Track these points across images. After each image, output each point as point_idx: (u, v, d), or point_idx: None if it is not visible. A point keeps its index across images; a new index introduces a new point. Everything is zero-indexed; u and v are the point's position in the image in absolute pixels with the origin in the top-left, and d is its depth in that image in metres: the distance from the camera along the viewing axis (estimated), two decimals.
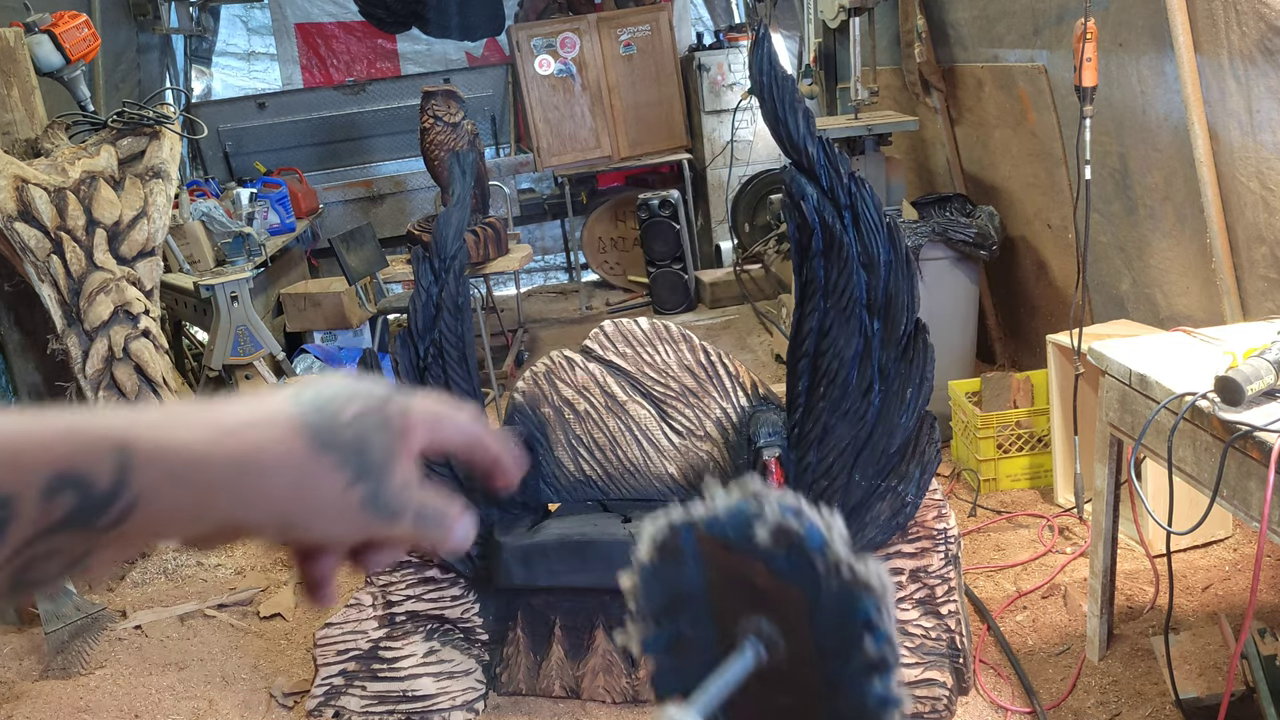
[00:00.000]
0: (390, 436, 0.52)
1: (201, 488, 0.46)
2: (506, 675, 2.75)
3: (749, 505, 0.49)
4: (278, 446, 0.48)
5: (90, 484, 0.43)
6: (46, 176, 3.42)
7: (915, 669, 2.46)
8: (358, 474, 0.50)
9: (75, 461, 0.43)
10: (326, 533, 0.51)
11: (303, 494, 0.49)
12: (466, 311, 2.80)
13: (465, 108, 5.09)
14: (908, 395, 2.42)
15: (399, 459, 0.53)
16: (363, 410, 0.52)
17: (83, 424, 0.44)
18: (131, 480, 0.44)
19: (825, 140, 2.42)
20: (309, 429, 0.49)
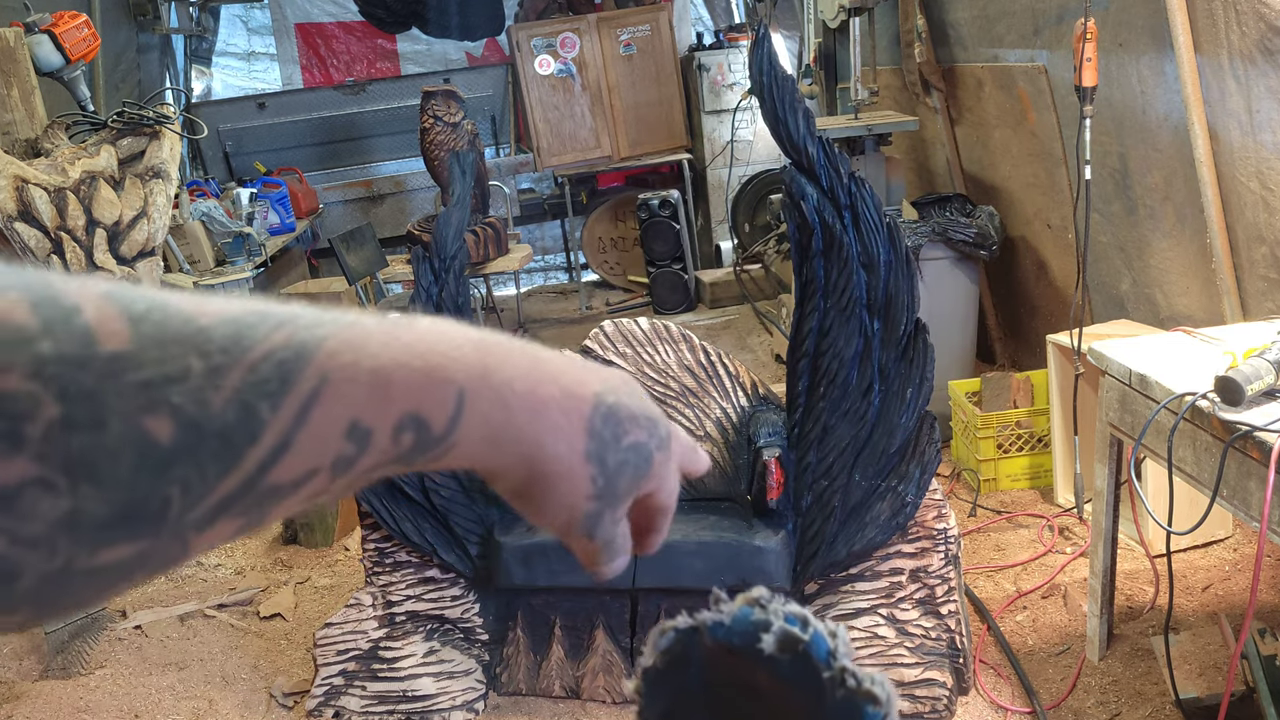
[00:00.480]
0: (642, 476, 0.55)
1: (498, 446, 0.49)
2: (506, 675, 2.75)
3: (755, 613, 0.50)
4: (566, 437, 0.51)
5: (429, 428, 0.45)
6: (46, 176, 3.42)
7: (915, 669, 2.46)
8: (598, 495, 0.53)
9: (425, 404, 0.45)
10: (541, 516, 0.54)
11: (555, 483, 0.52)
12: (466, 311, 2.80)
13: (465, 108, 5.09)
14: (908, 395, 2.42)
15: (631, 497, 0.56)
16: (638, 444, 0.54)
17: (438, 365, 0.45)
18: (458, 429, 0.46)
19: (825, 140, 2.42)
20: (594, 438, 0.52)
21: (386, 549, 2.78)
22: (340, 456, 0.42)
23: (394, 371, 0.43)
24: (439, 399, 0.45)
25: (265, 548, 3.82)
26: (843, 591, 2.56)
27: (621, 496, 0.54)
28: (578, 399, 0.51)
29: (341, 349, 0.42)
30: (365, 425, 0.43)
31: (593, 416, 0.52)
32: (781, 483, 2.49)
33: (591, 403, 0.52)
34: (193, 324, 0.38)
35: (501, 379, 0.48)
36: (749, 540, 2.52)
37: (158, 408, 0.36)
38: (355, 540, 3.65)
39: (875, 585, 2.53)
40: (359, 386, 0.42)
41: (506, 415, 0.48)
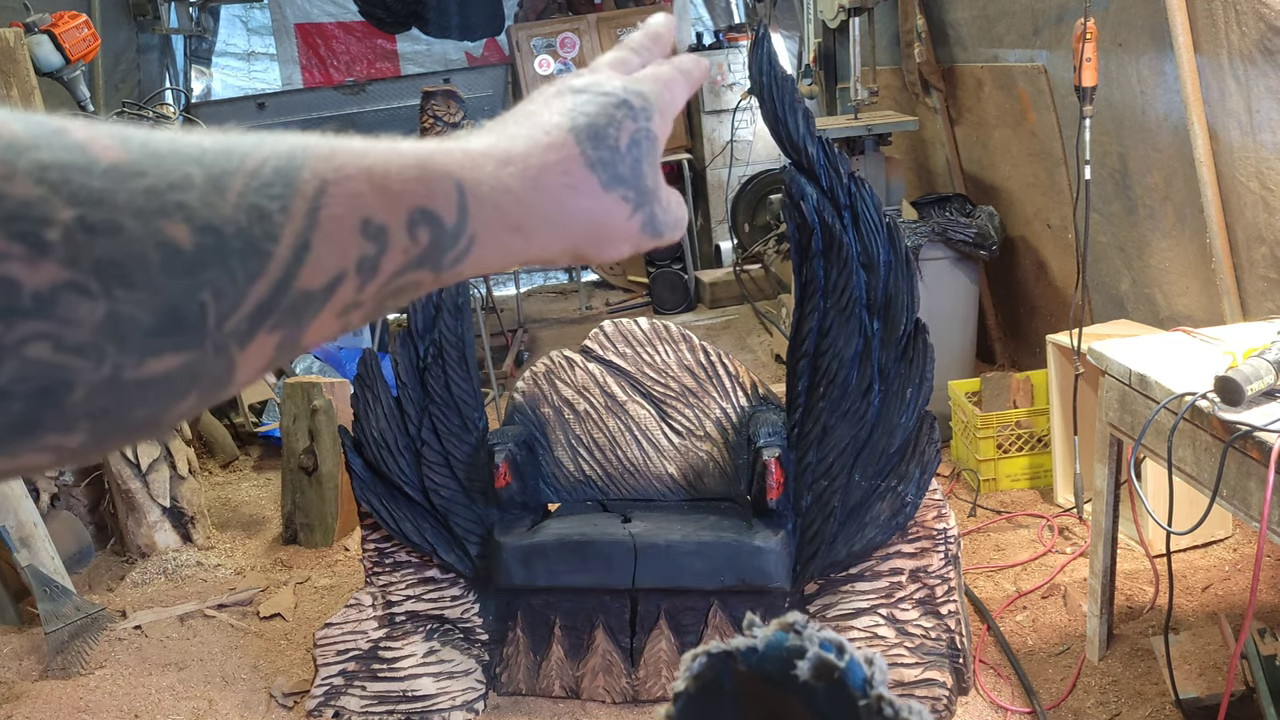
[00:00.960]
0: (655, 154, 0.55)
1: (519, 227, 0.49)
2: (506, 675, 2.75)
3: (789, 639, 0.49)
4: (579, 188, 0.51)
5: (440, 221, 0.45)
6: None
7: (915, 669, 2.46)
8: (638, 202, 0.54)
9: (429, 198, 0.45)
10: (612, 256, 0.55)
11: (597, 228, 0.53)
12: (466, 311, 2.80)
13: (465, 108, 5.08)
14: (908, 395, 2.43)
15: (660, 175, 0.55)
16: (634, 133, 0.54)
17: (429, 161, 0.46)
18: (470, 220, 0.47)
19: (825, 140, 2.42)
20: (598, 167, 0.52)
21: (386, 549, 2.78)
22: (362, 257, 0.42)
23: (388, 168, 0.44)
24: (440, 191, 0.45)
25: (265, 548, 3.82)
26: (843, 591, 2.56)
27: (653, 187, 0.55)
28: (562, 146, 0.51)
29: (329, 153, 0.42)
30: (378, 221, 0.43)
31: (584, 151, 0.51)
32: (781, 483, 2.49)
33: (573, 139, 0.51)
34: (180, 142, 0.39)
35: (491, 165, 0.48)
36: (749, 540, 2.52)
37: (170, 212, 0.36)
38: (355, 540, 3.65)
39: (875, 585, 2.53)
40: (358, 184, 0.42)
41: (511, 196, 0.48)
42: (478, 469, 2.72)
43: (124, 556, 3.69)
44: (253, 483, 4.42)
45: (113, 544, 3.78)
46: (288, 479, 3.85)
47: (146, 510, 3.62)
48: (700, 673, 0.51)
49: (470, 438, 2.74)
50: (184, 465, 3.71)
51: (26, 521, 3.20)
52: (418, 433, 2.72)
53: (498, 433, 2.73)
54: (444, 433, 2.73)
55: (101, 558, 3.73)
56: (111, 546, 3.77)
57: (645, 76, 0.57)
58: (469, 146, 0.49)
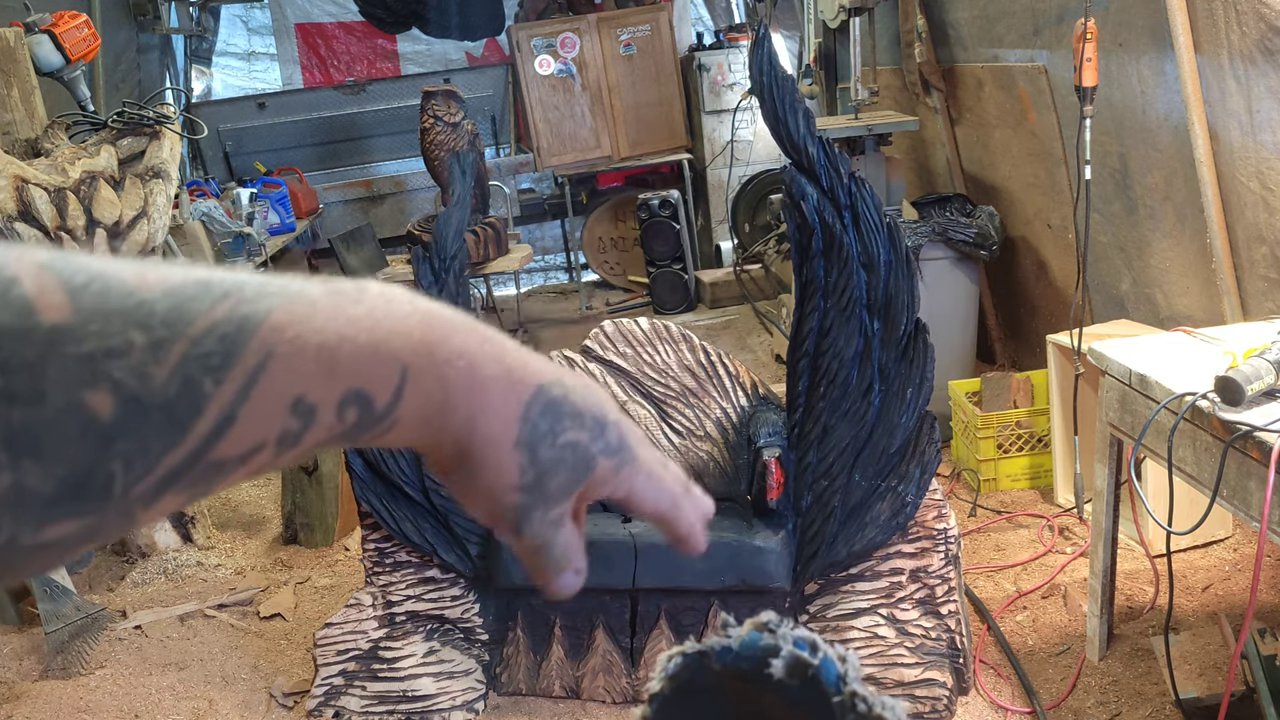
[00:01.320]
0: (579, 479, 0.53)
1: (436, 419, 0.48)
2: (506, 675, 2.75)
3: (764, 637, 0.49)
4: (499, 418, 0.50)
5: (372, 405, 0.45)
6: (46, 176, 3.42)
7: (915, 669, 2.46)
8: (526, 487, 0.52)
9: (370, 381, 0.44)
10: (467, 500, 0.53)
11: (481, 467, 0.51)
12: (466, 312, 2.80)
13: (465, 108, 5.09)
14: (908, 395, 2.42)
15: (569, 499, 0.54)
16: (575, 443, 0.52)
17: (383, 341, 0.45)
18: (399, 407, 0.46)
19: (825, 140, 2.42)
20: (528, 426, 0.51)
21: (386, 549, 2.78)
22: (285, 432, 0.42)
23: (340, 346, 0.43)
24: (383, 376, 0.45)
25: (265, 548, 3.82)
26: (843, 591, 2.56)
27: (554, 495, 0.52)
28: (519, 384, 0.50)
29: (287, 322, 0.41)
30: (310, 401, 0.42)
31: (531, 404, 0.50)
32: (781, 483, 2.49)
33: (533, 390, 0.51)
34: (134, 296, 0.38)
35: (444, 355, 0.47)
36: (749, 540, 2.52)
37: (99, 381, 0.36)
38: (355, 540, 3.65)
39: (875, 585, 2.53)
40: (305, 361, 0.42)
41: (445, 394, 0.47)
42: None
43: (124, 556, 3.69)
44: (253, 483, 4.42)
45: (113, 544, 3.78)
46: (288, 479, 3.85)
47: None
48: (675, 673, 0.51)
49: None
50: None
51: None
52: None
53: None
54: None
55: (101, 558, 3.73)
56: (111, 546, 3.77)
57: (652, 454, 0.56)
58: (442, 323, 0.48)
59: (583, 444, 0.52)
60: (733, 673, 0.50)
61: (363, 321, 0.44)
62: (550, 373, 0.52)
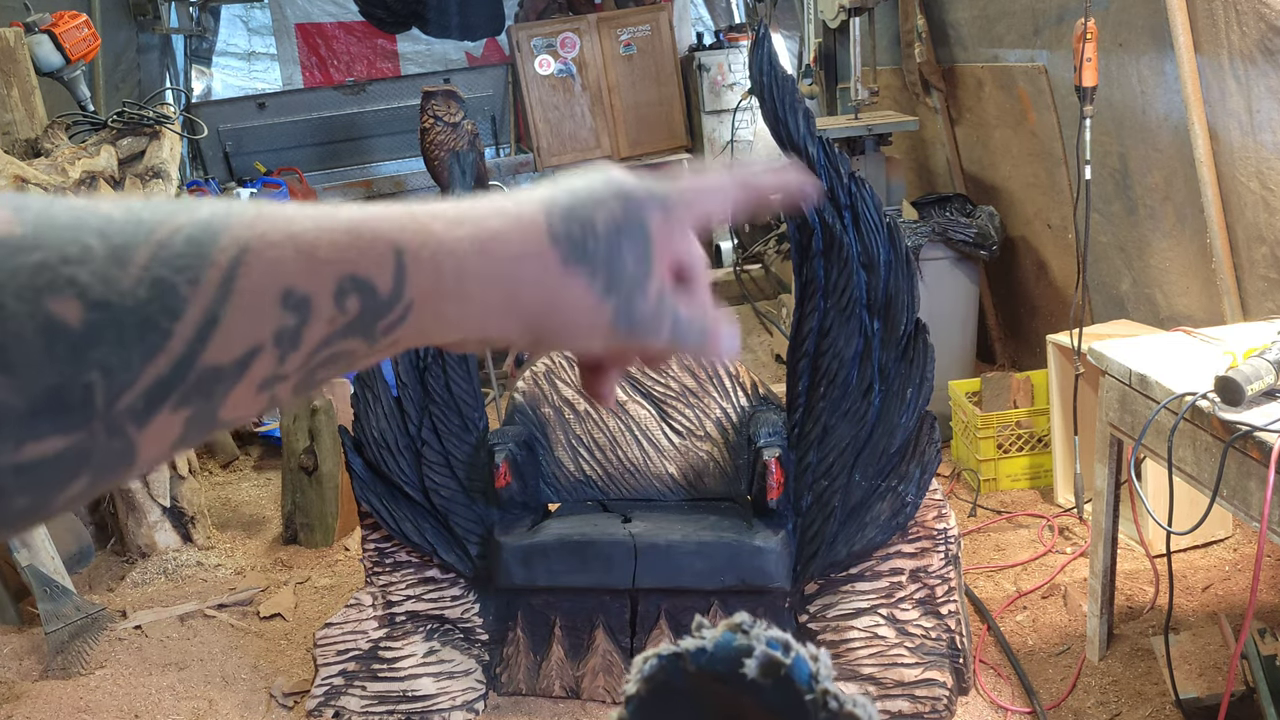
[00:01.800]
0: (645, 244, 0.50)
1: (463, 297, 0.46)
2: (506, 675, 2.75)
3: (738, 639, 0.50)
4: (532, 261, 0.48)
5: (373, 289, 0.43)
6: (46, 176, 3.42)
7: (915, 669, 2.46)
8: (608, 288, 0.49)
9: (361, 264, 0.43)
10: (577, 346, 0.50)
11: (553, 309, 0.48)
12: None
13: (465, 108, 5.08)
14: (908, 395, 2.42)
15: (655, 268, 0.51)
16: (618, 217, 0.50)
17: (363, 225, 0.44)
18: (407, 286, 0.44)
19: (825, 140, 2.42)
20: (562, 241, 0.48)
21: (386, 549, 2.78)
22: (281, 328, 0.41)
23: (318, 235, 0.42)
24: (374, 257, 0.43)
25: (265, 548, 3.82)
26: (843, 591, 2.56)
27: (636, 277, 0.50)
28: (527, 216, 0.48)
29: (254, 218, 0.41)
30: (301, 291, 0.41)
31: (550, 223, 0.48)
32: (781, 483, 2.49)
33: (543, 211, 0.48)
34: (88, 212, 0.37)
35: (440, 225, 0.46)
36: (749, 540, 2.52)
37: (60, 288, 0.35)
38: (355, 540, 3.65)
39: (875, 585, 2.53)
40: (283, 251, 0.41)
41: (457, 262, 0.46)
42: (478, 469, 2.72)
43: (124, 556, 3.69)
44: (253, 483, 4.42)
45: (113, 544, 3.78)
46: (288, 479, 3.85)
47: (147, 510, 3.62)
48: (651, 675, 0.52)
49: (470, 438, 2.74)
50: (184, 465, 3.71)
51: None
52: (418, 433, 2.73)
53: (498, 433, 2.73)
54: (444, 433, 2.73)
55: (101, 558, 3.73)
56: (111, 546, 3.77)
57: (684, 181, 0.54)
58: (419, 207, 0.46)
59: (617, 215, 0.50)
60: (708, 674, 0.51)
61: (337, 213, 0.43)
62: (548, 190, 0.50)
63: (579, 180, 0.51)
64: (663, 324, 0.52)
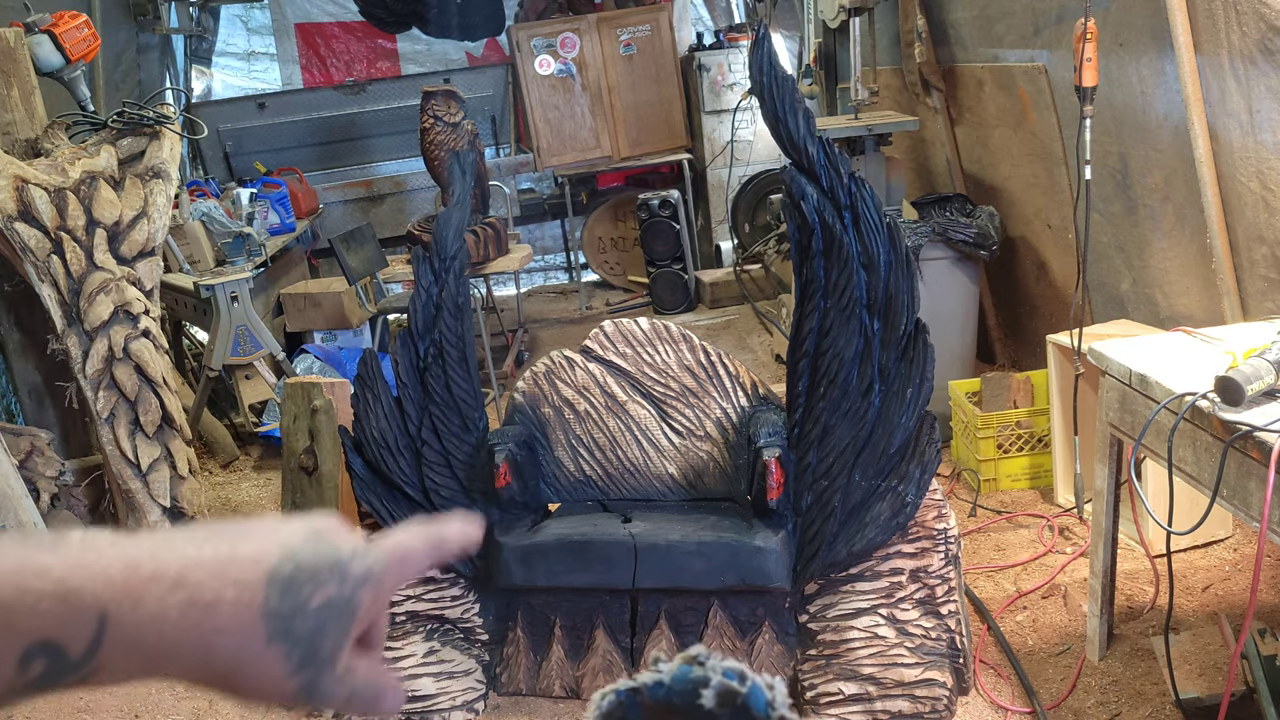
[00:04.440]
0: (348, 623, 0.53)
1: (156, 660, 0.48)
2: (506, 675, 2.75)
3: (694, 670, 0.50)
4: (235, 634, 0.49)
5: (63, 653, 0.44)
6: (46, 176, 3.42)
7: (915, 669, 2.46)
8: (301, 665, 0.51)
9: (57, 631, 0.44)
10: (257, 705, 0.52)
11: (243, 676, 0.50)
12: (466, 311, 2.80)
13: (465, 108, 5.09)
14: (908, 395, 2.42)
15: (347, 647, 0.53)
16: (332, 597, 0.52)
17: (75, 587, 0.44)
18: (100, 652, 0.45)
19: (825, 140, 2.42)
20: (270, 618, 0.50)
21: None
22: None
23: (20, 599, 0.42)
24: (75, 623, 0.44)
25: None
26: (843, 591, 2.55)
27: (331, 656, 0.52)
28: (249, 586, 0.49)
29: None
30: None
31: (268, 598, 0.49)
32: (781, 483, 2.49)
33: (264, 583, 0.50)
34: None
35: (157, 592, 0.46)
36: (749, 540, 2.52)
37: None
38: None
39: (875, 585, 2.53)
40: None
41: (160, 629, 0.46)
42: (478, 469, 2.72)
43: None
44: (253, 483, 4.42)
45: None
46: (288, 479, 3.85)
47: (147, 510, 3.62)
48: (610, 711, 0.52)
49: (470, 438, 2.74)
50: (184, 465, 3.71)
51: (26, 521, 3.20)
52: (418, 433, 2.72)
53: (498, 433, 2.73)
54: (444, 433, 2.73)
55: None
56: None
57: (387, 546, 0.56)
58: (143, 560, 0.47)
59: (333, 595, 0.52)
60: (665, 707, 0.51)
61: (52, 571, 0.44)
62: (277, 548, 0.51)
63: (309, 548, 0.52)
64: (339, 697, 0.54)
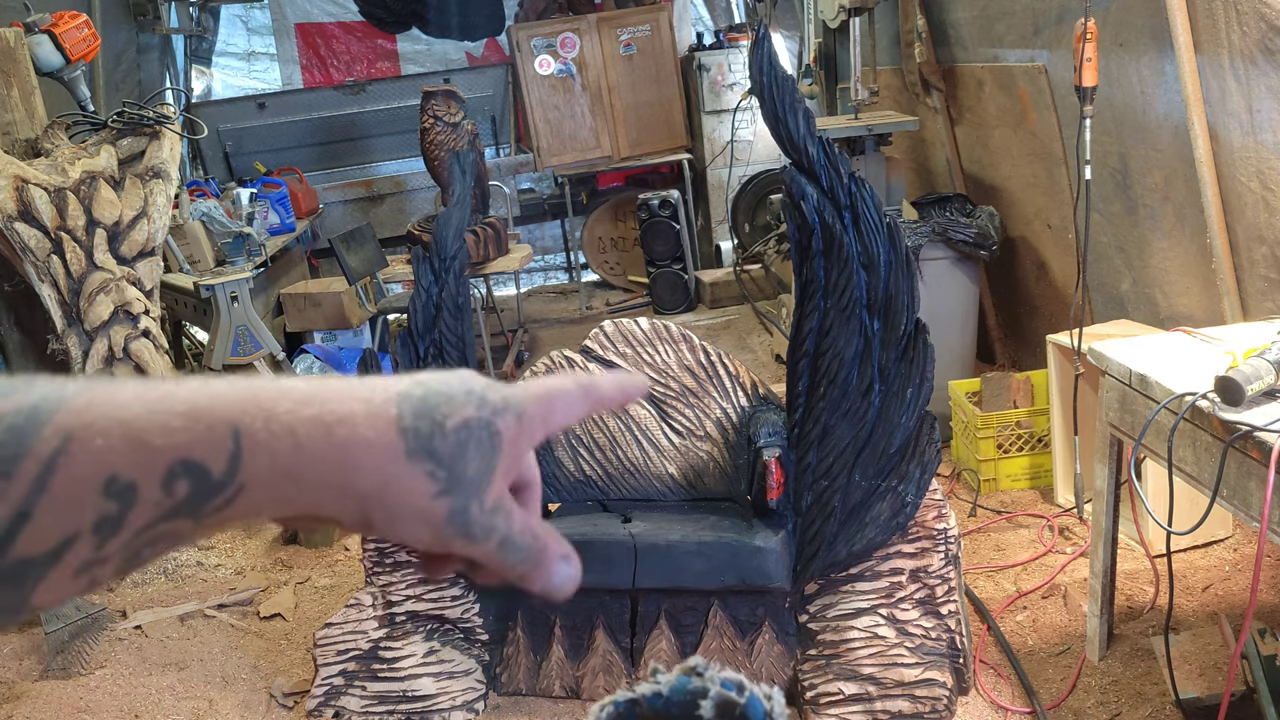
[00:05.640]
0: (492, 452, 0.50)
1: (298, 479, 0.46)
2: (506, 675, 2.75)
3: (692, 681, 0.51)
4: (376, 448, 0.47)
5: (206, 472, 0.43)
6: (46, 176, 3.42)
7: (915, 669, 2.46)
8: (447, 486, 0.49)
9: (195, 449, 0.43)
10: (405, 536, 0.50)
11: (387, 497, 0.48)
12: (466, 311, 2.80)
13: (465, 108, 5.09)
14: (908, 395, 2.42)
15: (497, 477, 0.51)
16: (470, 420, 0.50)
17: (202, 406, 0.43)
18: (241, 469, 0.44)
19: (825, 140, 2.42)
20: (408, 434, 0.48)
21: (386, 549, 2.78)
22: (103, 516, 0.40)
23: (151, 418, 0.42)
24: (211, 440, 0.43)
25: (265, 548, 3.82)
26: (843, 591, 2.56)
27: (477, 482, 0.50)
28: (379, 404, 0.48)
29: (85, 405, 0.41)
30: (126, 479, 0.41)
31: (401, 415, 0.48)
32: (781, 483, 2.49)
33: (395, 402, 0.48)
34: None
35: (286, 407, 0.45)
36: (749, 540, 2.52)
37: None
38: (355, 540, 3.65)
39: (875, 585, 2.53)
40: (111, 439, 0.41)
41: (295, 443, 0.45)
42: None
43: None
44: None
45: None
46: None
47: None
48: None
49: None
50: None
51: None
52: None
53: None
54: None
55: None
56: None
57: (532, 386, 0.54)
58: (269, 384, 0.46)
59: (472, 417, 0.50)
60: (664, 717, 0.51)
61: (176, 393, 0.43)
62: (402, 383, 0.50)
63: (437, 379, 0.51)
64: (493, 535, 0.51)
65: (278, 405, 0.45)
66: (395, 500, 0.48)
